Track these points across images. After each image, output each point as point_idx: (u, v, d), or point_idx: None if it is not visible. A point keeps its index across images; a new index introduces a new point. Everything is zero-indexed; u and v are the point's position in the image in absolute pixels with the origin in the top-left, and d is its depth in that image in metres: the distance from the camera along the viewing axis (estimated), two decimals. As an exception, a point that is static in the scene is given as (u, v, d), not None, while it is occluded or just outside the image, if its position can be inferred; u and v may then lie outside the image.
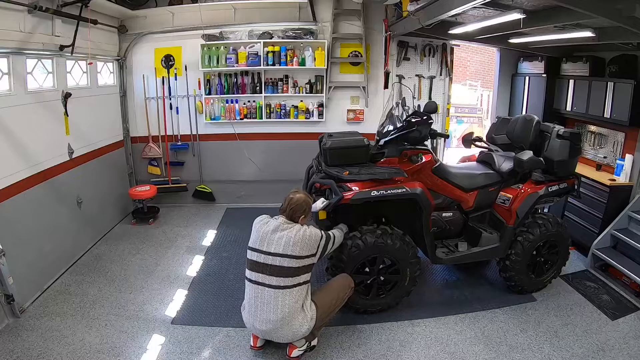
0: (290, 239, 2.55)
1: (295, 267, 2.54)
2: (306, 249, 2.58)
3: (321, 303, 2.67)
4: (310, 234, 2.62)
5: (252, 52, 5.03)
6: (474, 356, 2.79)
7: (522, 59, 5.41)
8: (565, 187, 3.43)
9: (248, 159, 5.48)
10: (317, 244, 2.64)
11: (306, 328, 2.58)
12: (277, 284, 2.52)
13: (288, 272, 2.52)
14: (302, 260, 2.56)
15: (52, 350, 2.75)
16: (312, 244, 2.61)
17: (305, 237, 2.58)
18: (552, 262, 3.48)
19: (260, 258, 2.58)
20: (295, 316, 2.54)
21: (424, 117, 3.20)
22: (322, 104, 5.31)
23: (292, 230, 2.59)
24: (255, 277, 2.60)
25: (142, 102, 5.30)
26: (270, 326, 2.56)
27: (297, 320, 2.55)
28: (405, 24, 4.42)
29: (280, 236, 2.57)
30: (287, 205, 2.71)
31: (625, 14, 2.62)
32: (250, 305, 2.63)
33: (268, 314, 2.54)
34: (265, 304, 2.54)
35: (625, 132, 4.14)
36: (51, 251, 3.64)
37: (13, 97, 3.27)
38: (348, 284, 2.84)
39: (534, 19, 3.38)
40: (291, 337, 2.61)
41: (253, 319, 2.62)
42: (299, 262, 2.54)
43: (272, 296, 2.53)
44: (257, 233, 2.65)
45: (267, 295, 2.54)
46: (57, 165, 3.83)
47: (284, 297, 2.52)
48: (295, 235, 2.56)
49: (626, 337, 2.97)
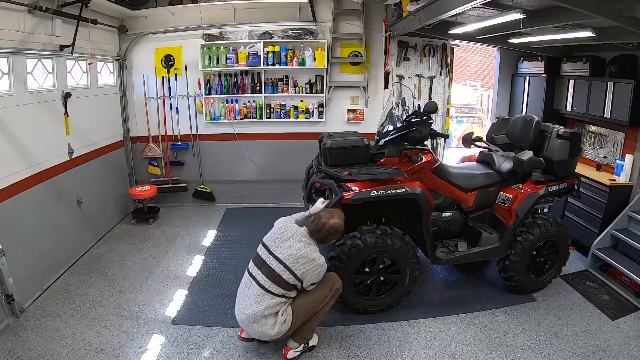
0: (303, 257, 2.54)
1: (289, 282, 2.54)
2: (308, 277, 2.57)
3: (297, 307, 2.63)
4: (321, 270, 2.61)
5: (252, 52, 5.03)
6: (474, 356, 2.79)
7: (522, 59, 5.41)
8: (565, 187, 3.43)
9: (248, 159, 5.49)
10: (316, 280, 2.63)
11: (276, 331, 2.55)
12: (265, 286, 2.53)
13: (280, 282, 2.53)
14: (296, 281, 2.55)
15: (52, 350, 2.75)
16: (314, 277, 2.60)
17: (317, 268, 2.58)
18: (552, 262, 3.48)
19: (264, 255, 2.61)
20: (267, 319, 2.54)
21: (424, 117, 3.20)
22: (322, 104, 5.31)
23: (309, 250, 2.57)
24: (252, 269, 2.64)
25: (142, 102, 5.30)
26: (243, 318, 2.60)
27: (268, 322, 2.54)
28: (405, 24, 4.42)
29: (292, 245, 2.56)
30: (320, 227, 2.65)
31: (625, 14, 2.62)
32: (239, 292, 2.68)
33: (246, 306, 2.57)
34: (248, 297, 2.57)
35: (625, 132, 4.14)
36: (51, 251, 3.64)
37: (13, 97, 3.27)
38: (330, 286, 2.73)
39: (534, 19, 3.38)
40: (259, 335, 2.62)
41: (236, 306, 2.66)
42: (294, 280, 2.54)
43: (255, 293, 2.55)
44: (275, 233, 2.68)
45: (253, 290, 2.57)
46: (57, 165, 3.83)
47: (265, 298, 2.53)
48: (309, 257, 2.54)
49: (626, 337, 2.97)
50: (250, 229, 4.85)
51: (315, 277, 2.61)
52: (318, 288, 2.70)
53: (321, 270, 2.61)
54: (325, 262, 2.65)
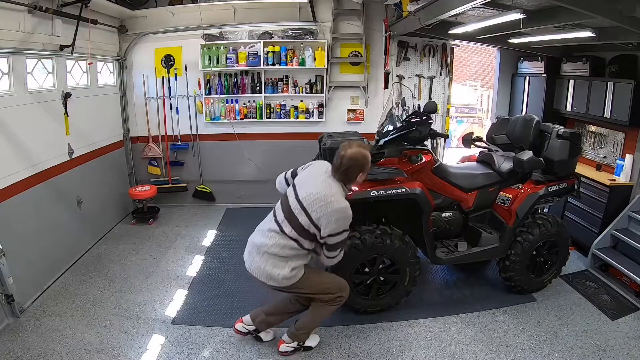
0: (320, 199, 2.29)
1: (304, 226, 2.33)
2: (324, 223, 2.30)
3: (308, 276, 2.49)
4: (340, 217, 2.30)
5: (252, 52, 5.03)
6: (474, 356, 2.79)
7: (522, 59, 5.41)
8: (565, 187, 3.43)
9: (248, 159, 5.48)
10: (335, 229, 2.33)
11: (280, 276, 2.39)
12: (282, 225, 2.39)
13: (296, 224, 2.34)
14: (312, 226, 2.32)
15: (52, 350, 2.75)
16: (332, 224, 2.30)
17: (335, 213, 2.29)
18: (552, 262, 3.47)
19: (289, 193, 2.47)
20: (274, 259, 2.40)
21: (424, 117, 3.20)
22: (322, 104, 5.31)
23: (329, 193, 2.31)
24: (277, 206, 2.52)
25: (142, 102, 5.30)
26: (250, 249, 2.52)
27: (273, 263, 2.41)
28: (405, 24, 4.42)
29: (313, 186, 2.36)
30: (339, 162, 2.37)
31: (625, 14, 2.62)
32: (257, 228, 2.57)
33: (257, 236, 2.51)
34: (262, 230, 2.49)
35: (625, 132, 4.14)
36: (51, 251, 3.64)
37: (13, 97, 3.27)
38: (340, 287, 2.64)
39: (534, 19, 3.38)
40: (261, 273, 2.46)
41: (249, 240, 2.57)
42: (309, 225, 2.32)
43: (269, 228, 2.44)
44: (305, 172, 2.54)
45: (268, 224, 2.47)
46: (57, 165, 3.83)
47: (277, 236, 2.39)
48: (326, 199, 2.28)
49: (626, 337, 2.97)
50: (250, 229, 4.80)
51: (334, 224, 2.30)
52: (333, 278, 2.62)
53: (340, 217, 2.31)
54: (348, 210, 2.33)
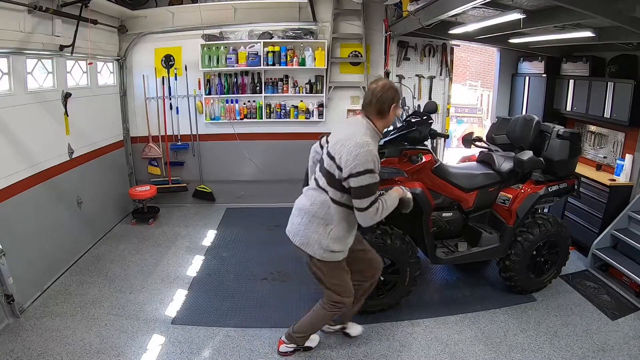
0: (345, 137, 2.17)
1: (330, 171, 2.22)
2: (344, 161, 2.13)
3: (337, 267, 2.42)
4: (360, 153, 2.10)
5: (252, 52, 5.03)
6: (474, 356, 2.79)
7: (522, 59, 5.41)
8: (565, 187, 3.43)
9: (248, 159, 5.48)
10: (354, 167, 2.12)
11: (316, 244, 2.30)
12: (318, 180, 2.33)
13: (326, 172, 2.26)
14: (336, 169, 2.18)
15: (52, 350, 2.75)
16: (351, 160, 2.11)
17: (356, 148, 2.11)
18: (552, 262, 3.48)
19: (322, 152, 2.41)
20: (316, 224, 2.30)
21: (424, 117, 3.19)
22: (322, 104, 5.31)
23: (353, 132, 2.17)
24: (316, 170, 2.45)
25: (142, 102, 5.30)
26: (294, 213, 2.44)
27: (316, 229, 2.31)
28: (405, 24, 4.42)
29: (340, 132, 2.29)
30: (370, 96, 2.24)
31: (625, 14, 2.62)
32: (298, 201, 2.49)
33: (299, 200, 2.46)
34: (306, 194, 2.43)
35: (625, 132, 4.14)
36: (51, 251, 3.64)
37: (13, 97, 3.27)
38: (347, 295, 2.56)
39: (534, 19, 3.38)
40: (301, 237, 2.36)
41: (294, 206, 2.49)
42: (334, 169, 2.20)
43: (310, 187, 2.41)
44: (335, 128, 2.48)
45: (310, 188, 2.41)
46: (57, 165, 3.83)
47: (315, 193, 2.33)
48: (350, 138, 2.14)
49: (626, 337, 2.97)
50: (250, 229, 4.86)
51: (353, 160, 2.10)
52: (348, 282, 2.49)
53: (361, 152, 2.10)
54: (370, 146, 2.15)
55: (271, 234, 4.72)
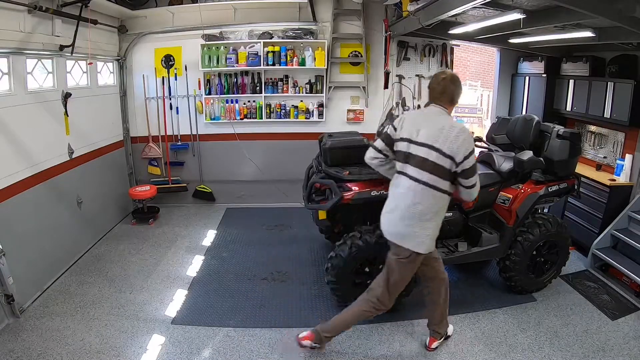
0: (442, 129, 2.28)
1: (445, 166, 2.29)
2: (454, 148, 2.26)
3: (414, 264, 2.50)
4: (466, 136, 2.28)
5: (252, 52, 5.03)
6: (474, 356, 2.79)
7: (522, 59, 5.41)
8: (565, 187, 3.43)
9: (248, 159, 5.48)
10: (466, 149, 2.27)
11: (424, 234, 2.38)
12: (419, 178, 2.32)
13: (434, 169, 2.30)
14: (447, 159, 2.27)
15: (52, 350, 2.75)
16: (459, 144, 2.26)
17: (460, 133, 2.27)
18: (552, 262, 3.48)
19: (414, 150, 2.36)
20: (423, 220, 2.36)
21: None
22: (322, 104, 5.31)
23: (444, 120, 2.32)
24: (408, 171, 2.39)
25: (142, 102, 5.30)
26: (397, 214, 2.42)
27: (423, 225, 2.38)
28: (405, 24, 4.42)
29: (432, 126, 2.32)
30: (444, 88, 2.36)
31: (625, 14, 2.62)
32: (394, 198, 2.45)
33: (405, 202, 2.38)
34: (407, 195, 2.38)
35: (625, 132, 4.14)
36: (51, 251, 3.64)
37: (13, 97, 3.27)
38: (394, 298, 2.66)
39: (534, 19, 3.38)
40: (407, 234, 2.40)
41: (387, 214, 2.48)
42: (443, 160, 2.28)
43: (417, 189, 2.35)
44: (409, 123, 2.43)
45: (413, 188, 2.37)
46: (57, 165, 3.83)
47: (426, 193, 2.33)
48: (446, 126, 2.28)
49: (626, 337, 2.97)
50: (250, 229, 4.86)
51: (463, 145, 2.26)
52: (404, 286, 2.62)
53: (466, 136, 2.29)
54: (467, 129, 2.34)
55: (271, 234, 4.73)
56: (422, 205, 2.35)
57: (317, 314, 3.21)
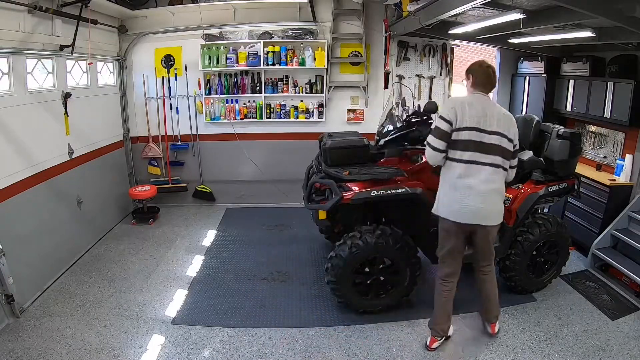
0: (505, 116, 2.54)
1: (509, 149, 2.54)
2: (513, 133, 2.55)
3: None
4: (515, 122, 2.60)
5: (252, 52, 5.03)
6: (474, 356, 2.79)
7: (522, 59, 5.41)
8: (565, 187, 3.43)
9: (248, 159, 5.48)
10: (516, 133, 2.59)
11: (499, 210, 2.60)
12: (494, 162, 2.49)
13: (502, 151, 2.51)
14: (510, 143, 2.54)
15: (52, 350, 2.75)
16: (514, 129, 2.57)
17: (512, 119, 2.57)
18: (552, 262, 3.48)
19: (482, 137, 2.47)
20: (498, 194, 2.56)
21: (424, 117, 3.20)
22: (322, 104, 5.31)
23: (500, 107, 2.58)
24: (469, 156, 2.48)
25: (142, 102, 5.30)
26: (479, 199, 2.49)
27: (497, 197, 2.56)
28: (405, 24, 4.42)
29: (493, 115, 2.50)
30: (493, 77, 2.57)
31: (625, 14, 2.62)
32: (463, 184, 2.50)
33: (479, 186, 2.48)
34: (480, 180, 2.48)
35: (625, 132, 4.14)
36: (51, 251, 3.64)
37: (13, 97, 3.27)
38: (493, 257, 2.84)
39: (534, 19, 3.38)
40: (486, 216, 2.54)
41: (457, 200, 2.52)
42: (507, 143, 2.52)
43: (488, 173, 2.50)
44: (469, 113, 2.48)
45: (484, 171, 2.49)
46: (57, 165, 3.83)
47: (496, 174, 2.52)
48: (505, 113, 2.56)
49: (626, 337, 2.97)
50: (250, 229, 4.86)
51: (516, 129, 2.58)
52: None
53: (514, 121, 2.59)
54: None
55: (271, 234, 4.73)
56: (495, 184, 2.53)
57: (317, 314, 3.21)
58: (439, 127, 2.50)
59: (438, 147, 2.52)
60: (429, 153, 2.57)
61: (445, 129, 2.49)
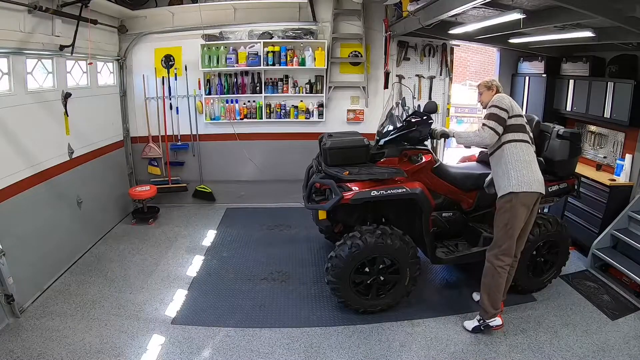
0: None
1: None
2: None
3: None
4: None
5: (252, 52, 5.03)
6: (474, 356, 2.79)
7: (522, 59, 5.41)
8: (565, 187, 3.43)
9: (248, 159, 5.48)
10: None
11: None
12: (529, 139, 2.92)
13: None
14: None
15: (52, 350, 2.75)
16: None
17: None
18: (552, 262, 3.47)
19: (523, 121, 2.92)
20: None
21: (424, 117, 3.20)
22: (322, 104, 5.31)
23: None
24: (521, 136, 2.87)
25: (142, 102, 5.30)
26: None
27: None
28: (405, 24, 4.42)
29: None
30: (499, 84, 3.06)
31: (625, 14, 2.62)
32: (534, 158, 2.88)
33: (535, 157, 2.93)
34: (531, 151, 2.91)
35: (625, 132, 4.13)
36: (51, 251, 3.64)
37: (13, 97, 3.27)
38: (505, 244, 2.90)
39: (534, 19, 3.38)
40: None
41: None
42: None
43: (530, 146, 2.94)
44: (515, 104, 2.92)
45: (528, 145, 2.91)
46: (57, 165, 3.83)
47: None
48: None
49: (626, 337, 2.97)
50: (250, 229, 4.86)
51: None
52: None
53: None
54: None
55: (271, 234, 4.73)
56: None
57: (317, 314, 3.21)
58: (499, 115, 2.84)
59: (497, 130, 2.86)
60: (490, 135, 2.85)
61: (503, 116, 2.85)
